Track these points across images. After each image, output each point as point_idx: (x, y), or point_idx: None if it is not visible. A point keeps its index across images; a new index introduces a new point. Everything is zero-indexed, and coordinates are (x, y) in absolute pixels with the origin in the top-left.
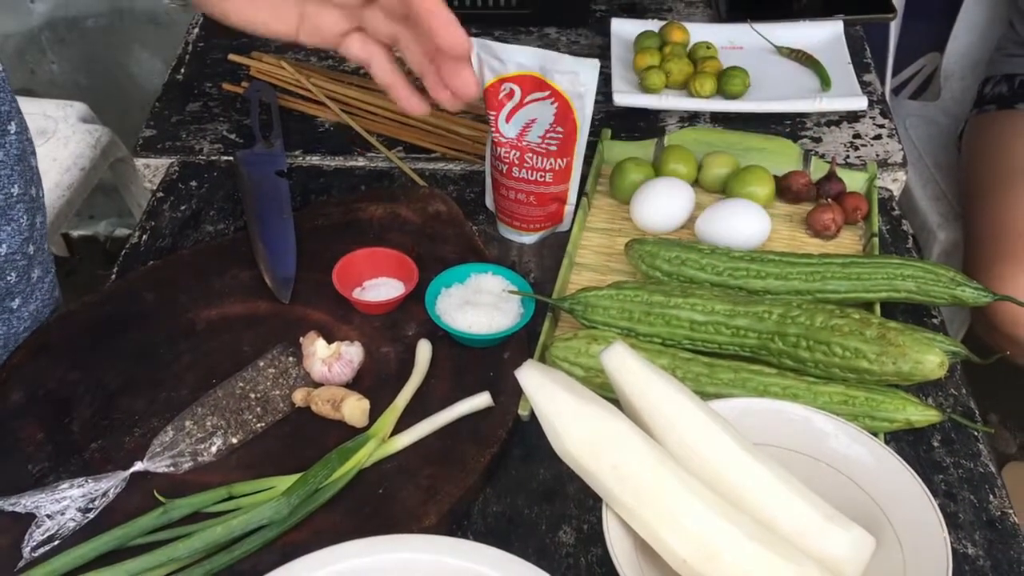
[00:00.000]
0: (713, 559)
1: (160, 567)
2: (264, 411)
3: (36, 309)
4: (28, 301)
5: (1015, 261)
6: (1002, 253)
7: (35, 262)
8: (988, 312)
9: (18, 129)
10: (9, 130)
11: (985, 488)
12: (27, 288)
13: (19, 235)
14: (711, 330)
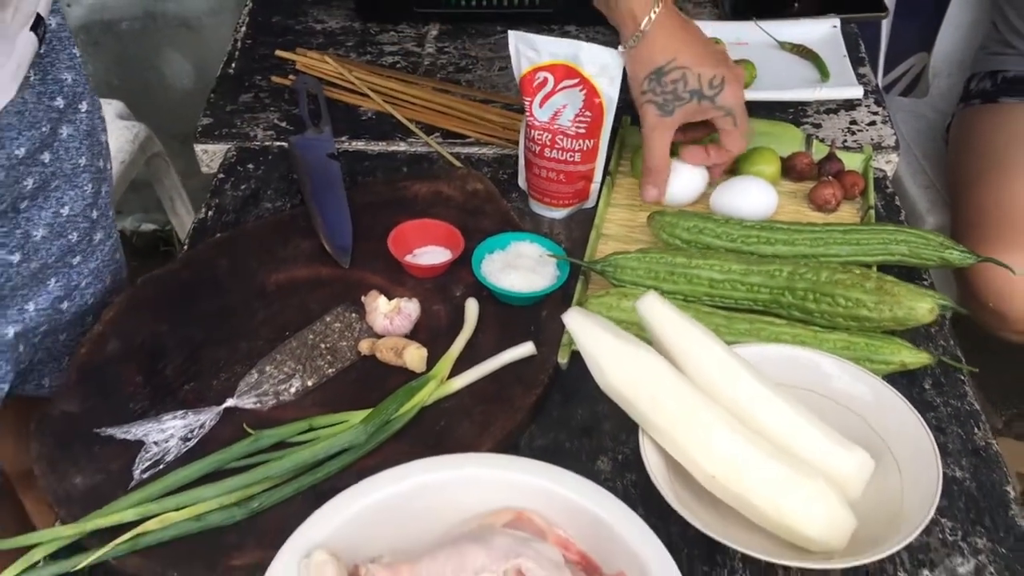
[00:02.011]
0: (737, 474)
1: (255, 484)
2: (334, 358)
3: (96, 268)
4: (88, 260)
5: (998, 242)
6: (986, 235)
7: (98, 226)
8: (975, 289)
9: (89, 108)
10: (80, 108)
11: (971, 423)
12: (88, 248)
13: (82, 200)
14: (728, 287)
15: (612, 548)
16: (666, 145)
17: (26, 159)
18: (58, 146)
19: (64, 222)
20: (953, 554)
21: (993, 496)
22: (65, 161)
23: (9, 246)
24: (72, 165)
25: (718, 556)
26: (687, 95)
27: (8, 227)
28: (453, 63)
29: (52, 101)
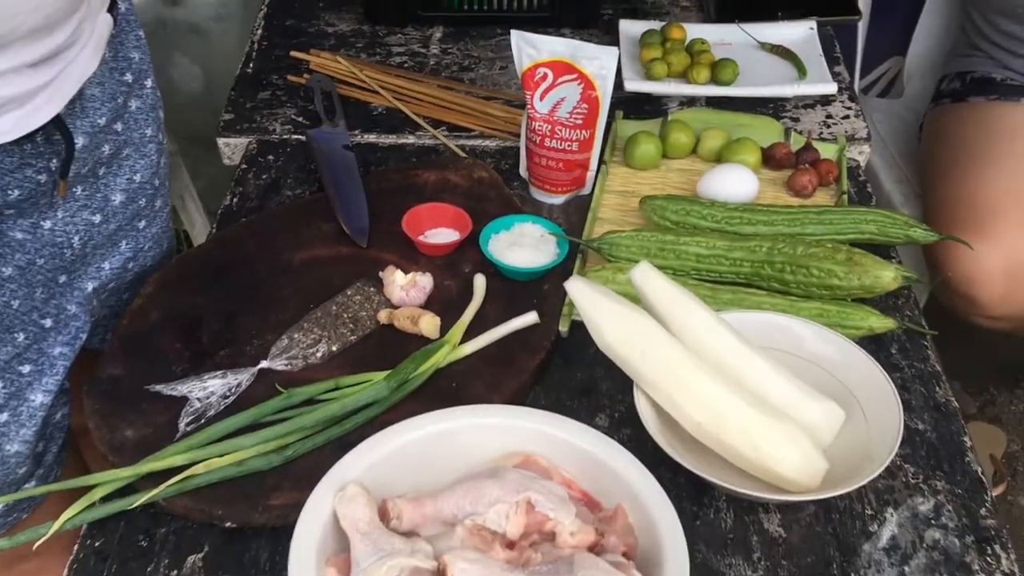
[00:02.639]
0: (721, 421)
1: (289, 435)
2: (356, 326)
3: (156, 233)
4: (151, 225)
5: (966, 229)
6: (955, 223)
7: (159, 194)
8: (945, 275)
9: (152, 85)
10: (146, 84)
11: (932, 382)
12: (151, 214)
13: (149, 169)
14: (713, 262)
15: (610, 485)
16: None
17: (105, 128)
18: (128, 117)
19: (136, 188)
20: (915, 495)
21: (951, 445)
22: (134, 131)
23: (92, 207)
24: (140, 135)
25: (704, 498)
26: None
27: (90, 191)
28: (456, 63)
29: (122, 76)
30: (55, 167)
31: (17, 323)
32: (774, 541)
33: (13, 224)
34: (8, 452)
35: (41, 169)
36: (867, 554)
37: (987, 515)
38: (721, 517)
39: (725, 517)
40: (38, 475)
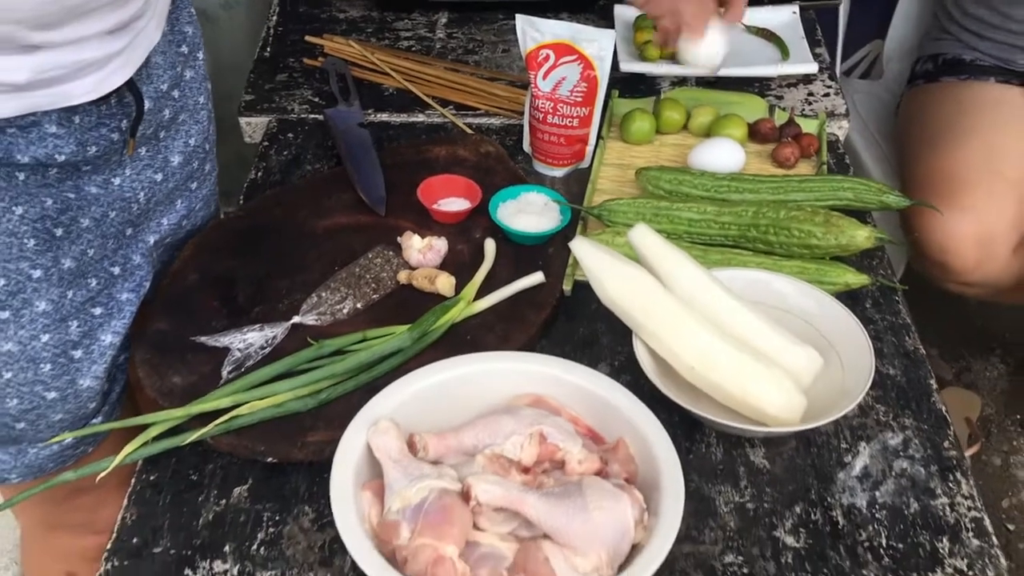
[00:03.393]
0: (712, 365)
1: (323, 380)
2: (378, 286)
3: (206, 195)
4: (201, 187)
5: (941, 201)
6: (930, 196)
7: (208, 158)
8: (922, 244)
9: (203, 58)
10: (198, 56)
11: (903, 333)
12: (202, 176)
13: (201, 134)
14: (703, 225)
15: (612, 422)
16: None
17: (166, 94)
18: (184, 85)
19: (191, 151)
20: (886, 431)
21: (919, 388)
22: (189, 98)
23: (154, 167)
24: (194, 102)
25: (696, 435)
26: None
27: (153, 151)
28: (462, 46)
29: (179, 48)
30: (125, 127)
31: (91, 270)
32: (759, 471)
33: (89, 180)
34: (81, 386)
35: (114, 128)
36: (842, 481)
37: (950, 447)
38: (711, 451)
39: (715, 451)
40: (104, 412)
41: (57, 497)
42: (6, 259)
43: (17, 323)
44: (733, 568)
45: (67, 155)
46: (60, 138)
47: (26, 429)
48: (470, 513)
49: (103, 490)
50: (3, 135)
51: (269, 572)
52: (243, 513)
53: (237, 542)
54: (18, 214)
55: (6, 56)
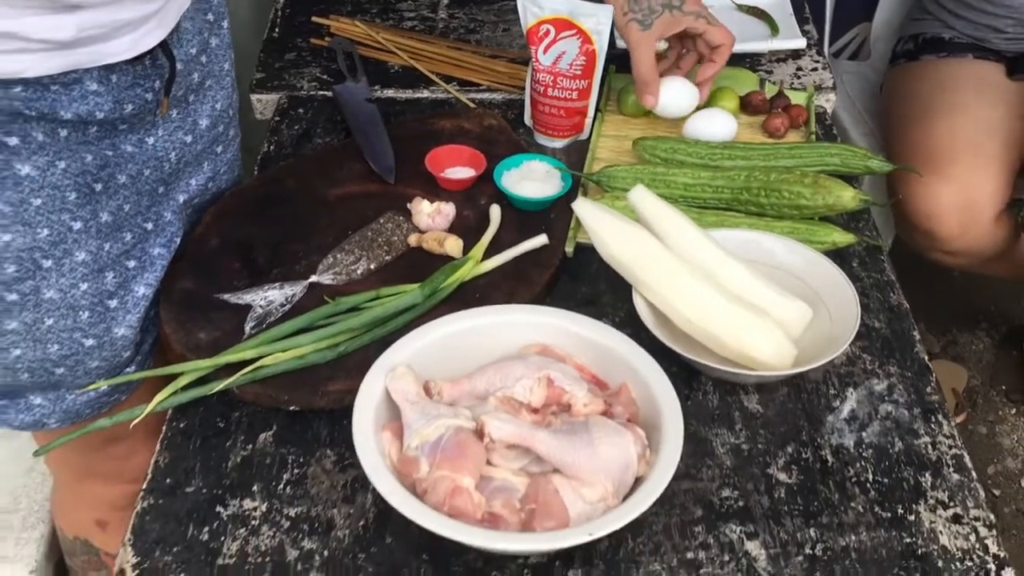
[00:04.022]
0: (707, 316)
1: (341, 334)
2: (389, 248)
3: (230, 159)
4: (226, 151)
5: (924, 172)
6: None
7: (232, 123)
8: (908, 214)
9: (227, 27)
10: (223, 25)
11: (887, 289)
12: (227, 140)
13: (226, 100)
14: (698, 190)
15: (615, 369)
16: (651, 57)
17: (195, 58)
18: (210, 52)
19: (217, 115)
20: (871, 377)
21: (903, 339)
22: (215, 64)
23: (184, 128)
24: (219, 68)
25: (694, 383)
26: (660, 7)
27: (183, 113)
28: (463, 26)
29: (206, 16)
30: (159, 88)
31: (126, 224)
32: (753, 415)
33: (125, 139)
34: (117, 335)
35: (148, 88)
36: (831, 424)
37: (932, 392)
38: (708, 398)
39: (711, 398)
40: (136, 362)
41: (90, 446)
42: (50, 211)
43: (59, 272)
44: (730, 501)
45: (105, 112)
46: (100, 96)
47: (65, 375)
48: (484, 449)
49: (134, 439)
50: (47, 92)
51: (296, 508)
52: (269, 456)
53: (264, 482)
54: (61, 168)
55: (52, 15)
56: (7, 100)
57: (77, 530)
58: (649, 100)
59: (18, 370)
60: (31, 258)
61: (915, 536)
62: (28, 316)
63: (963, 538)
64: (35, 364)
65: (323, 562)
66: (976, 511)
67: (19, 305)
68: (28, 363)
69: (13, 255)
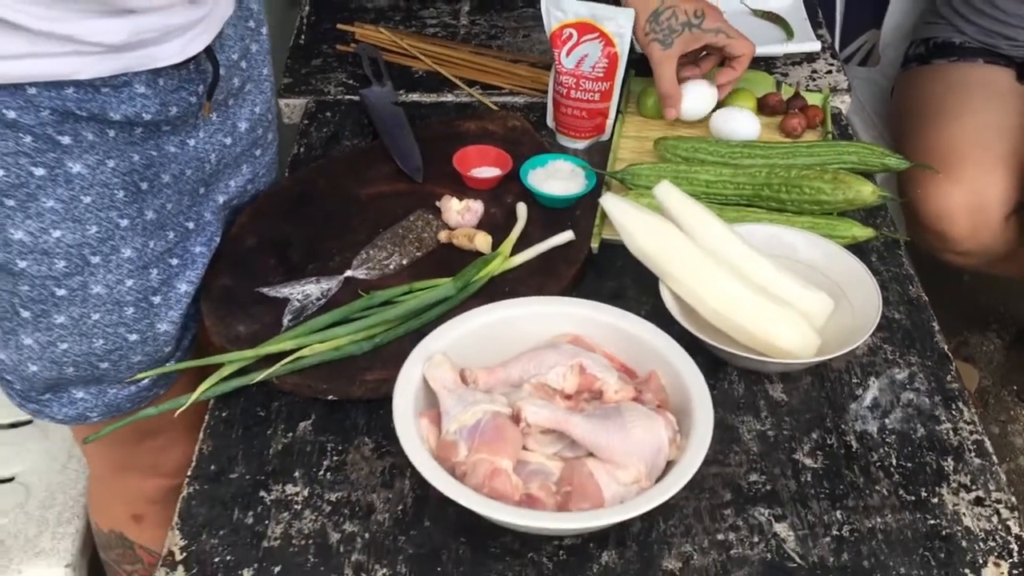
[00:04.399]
0: (733, 307)
1: (376, 326)
2: (420, 245)
3: (268, 162)
4: (264, 154)
5: (935, 177)
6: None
7: (271, 127)
8: (920, 214)
9: (266, 34)
10: (262, 32)
11: (907, 282)
12: (265, 144)
13: (265, 104)
14: (720, 186)
15: (645, 357)
16: (673, 73)
17: (236, 63)
18: (250, 57)
19: (256, 119)
20: (893, 367)
21: (922, 330)
22: (255, 69)
23: (224, 131)
24: (258, 74)
25: (720, 373)
26: (680, 27)
27: (223, 117)
28: (484, 32)
29: (247, 23)
30: (202, 92)
31: (169, 223)
32: (778, 404)
33: (168, 140)
34: (159, 330)
35: (192, 92)
36: (854, 411)
37: (952, 380)
38: (734, 387)
39: (737, 387)
40: (176, 358)
41: (128, 439)
42: (99, 208)
43: (106, 268)
44: (758, 485)
45: (152, 114)
46: (147, 98)
47: (108, 369)
48: (520, 433)
49: (170, 433)
50: (98, 93)
51: (336, 493)
52: (308, 444)
53: (305, 468)
54: (110, 167)
55: (106, 19)
56: (60, 100)
57: (112, 524)
58: (671, 112)
59: (64, 364)
60: (80, 254)
61: (939, 518)
62: (75, 311)
63: (985, 519)
64: (80, 358)
65: (364, 544)
66: (998, 494)
67: (67, 300)
68: (74, 357)
69: (63, 251)
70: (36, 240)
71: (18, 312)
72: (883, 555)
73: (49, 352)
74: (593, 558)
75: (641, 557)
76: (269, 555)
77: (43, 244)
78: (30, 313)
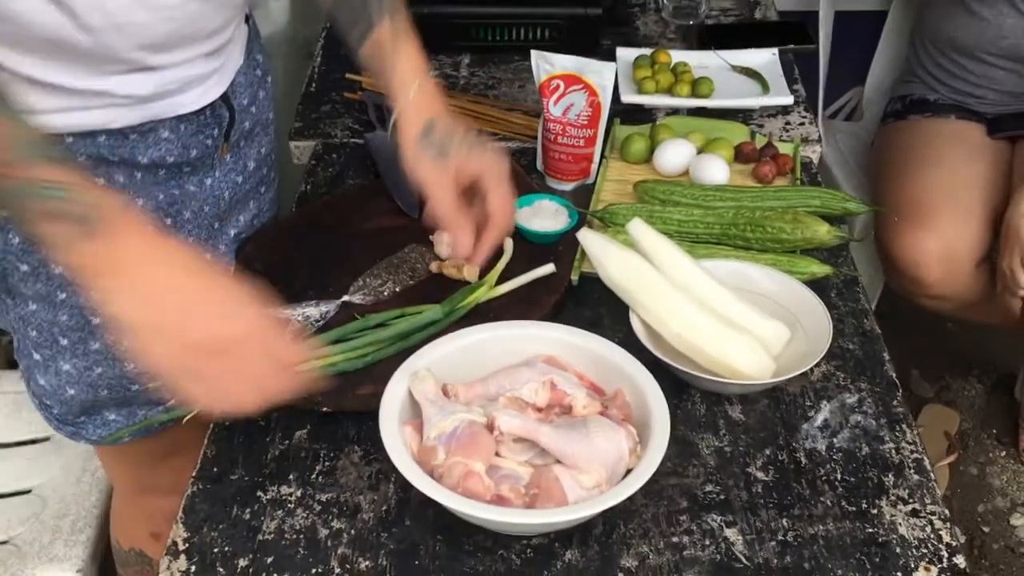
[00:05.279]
0: (696, 332)
1: (369, 346)
2: (413, 273)
3: (271, 198)
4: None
5: (911, 223)
6: (901, 218)
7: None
8: (895, 261)
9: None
10: (267, 80)
11: (862, 316)
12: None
13: (270, 145)
14: (691, 225)
15: (612, 377)
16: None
17: (246, 108)
18: (258, 103)
19: (262, 159)
20: (844, 392)
21: (874, 360)
22: (262, 114)
23: (236, 170)
24: (265, 117)
25: (683, 394)
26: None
27: (235, 157)
28: (482, 83)
29: (255, 71)
30: (218, 135)
31: None
32: (736, 423)
33: (188, 179)
34: None
35: (209, 135)
36: (805, 431)
37: (898, 405)
38: (696, 407)
39: (699, 407)
40: None
41: (151, 459)
42: None
43: None
44: (712, 495)
45: (175, 157)
46: (171, 142)
47: (138, 391)
48: (493, 440)
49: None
50: (127, 140)
51: (327, 494)
52: (303, 451)
53: (299, 472)
54: (139, 205)
55: (135, 75)
56: (94, 148)
57: (133, 542)
58: None
59: (99, 387)
60: None
61: (877, 527)
62: (109, 337)
63: (919, 529)
64: (114, 381)
65: (350, 540)
66: (933, 507)
67: (102, 327)
68: (108, 380)
69: None
70: None
71: (58, 340)
72: (823, 558)
73: (86, 376)
74: (558, 556)
75: (602, 556)
76: (263, 547)
77: None
78: (68, 340)
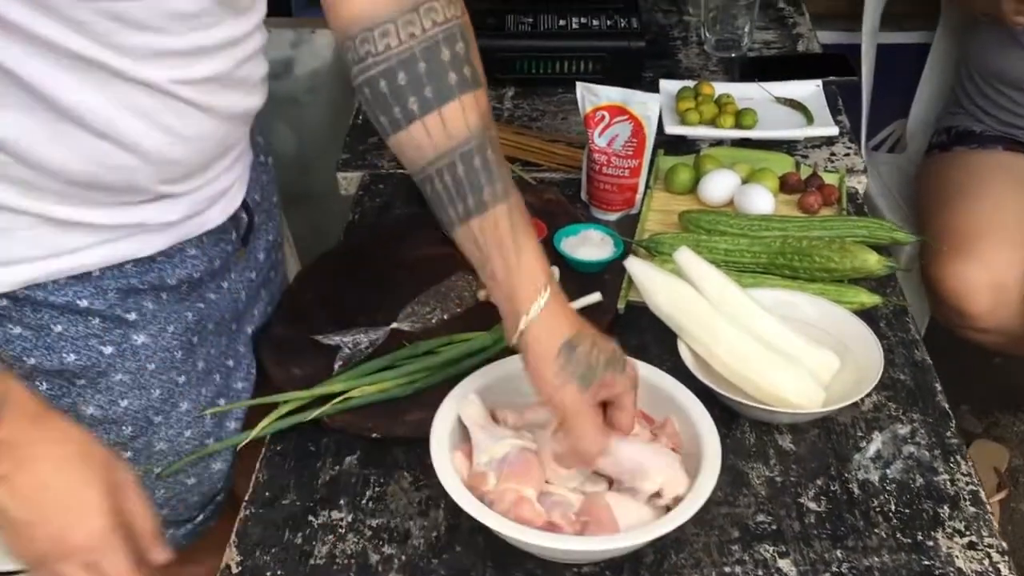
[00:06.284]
0: (746, 362)
1: (418, 372)
2: (460, 302)
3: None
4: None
5: (957, 253)
6: (947, 248)
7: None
8: (940, 292)
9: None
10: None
11: (912, 346)
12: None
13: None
14: (737, 255)
15: (662, 405)
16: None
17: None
18: (262, 189)
19: (270, 246)
20: (896, 422)
21: (925, 390)
22: (266, 199)
23: (248, 267)
24: (269, 203)
25: (732, 423)
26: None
27: (247, 254)
28: (526, 115)
29: (258, 159)
30: (235, 238)
31: (214, 366)
32: (786, 453)
33: (207, 288)
34: (213, 469)
35: (228, 241)
36: (857, 461)
37: (951, 436)
38: (745, 436)
39: (748, 436)
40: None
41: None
42: (161, 371)
43: (167, 425)
44: (764, 525)
45: (201, 271)
46: (196, 258)
47: (168, 514)
48: (544, 467)
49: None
50: (154, 264)
51: (377, 520)
52: (354, 476)
53: (350, 497)
54: (170, 332)
55: (161, 203)
56: (124, 279)
57: None
58: None
59: None
60: (144, 416)
61: (933, 559)
62: (140, 468)
63: (977, 562)
64: None
65: (401, 565)
66: (990, 539)
67: (133, 460)
68: None
69: (130, 417)
70: (106, 412)
71: None
72: None
73: None
74: None
75: None
76: (315, 572)
77: (112, 415)
78: None
